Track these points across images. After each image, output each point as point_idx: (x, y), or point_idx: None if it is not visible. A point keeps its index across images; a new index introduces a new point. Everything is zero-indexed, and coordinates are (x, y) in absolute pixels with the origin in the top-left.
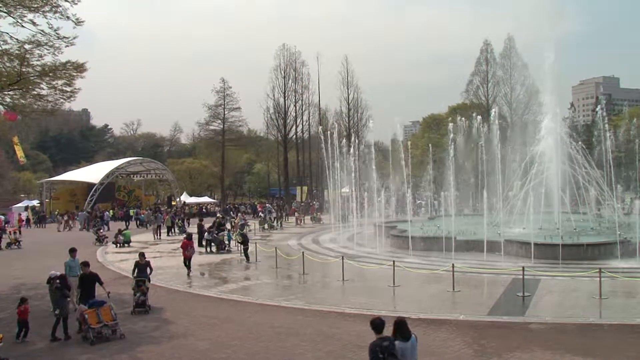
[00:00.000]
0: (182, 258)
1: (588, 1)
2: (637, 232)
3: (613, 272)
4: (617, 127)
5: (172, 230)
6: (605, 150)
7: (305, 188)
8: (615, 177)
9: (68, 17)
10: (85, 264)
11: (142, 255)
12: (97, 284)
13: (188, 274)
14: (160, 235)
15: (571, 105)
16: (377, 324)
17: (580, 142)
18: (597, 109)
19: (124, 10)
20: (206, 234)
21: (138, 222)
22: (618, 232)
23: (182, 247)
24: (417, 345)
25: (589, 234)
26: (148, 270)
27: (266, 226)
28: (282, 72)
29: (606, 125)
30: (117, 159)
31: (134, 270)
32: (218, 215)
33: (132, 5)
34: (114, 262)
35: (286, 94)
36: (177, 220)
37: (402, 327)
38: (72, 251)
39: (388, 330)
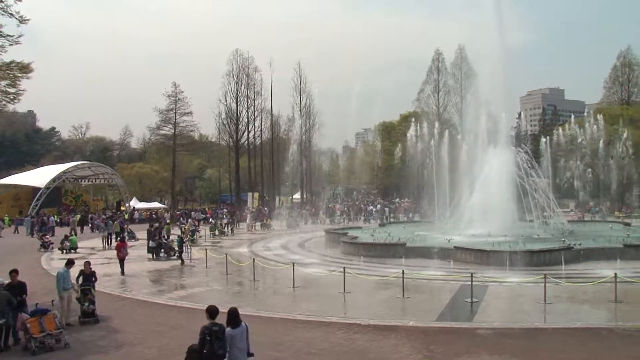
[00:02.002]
0: (130, 264)
1: (535, 14)
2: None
3: (557, 277)
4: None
5: (119, 236)
6: (550, 159)
7: (256, 194)
8: (559, 185)
9: (12, 15)
10: (14, 272)
11: (87, 263)
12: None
13: (121, 273)
14: (110, 242)
15: (519, 115)
16: (211, 311)
17: (527, 151)
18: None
19: (71, 10)
20: (150, 241)
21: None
22: (562, 239)
23: (116, 248)
24: (248, 334)
25: (536, 240)
26: (93, 279)
27: (217, 232)
28: (235, 78)
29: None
30: (64, 162)
31: (77, 278)
32: (156, 223)
33: (80, 5)
34: (59, 268)
35: (238, 100)
36: (126, 226)
37: (233, 316)
38: (69, 263)
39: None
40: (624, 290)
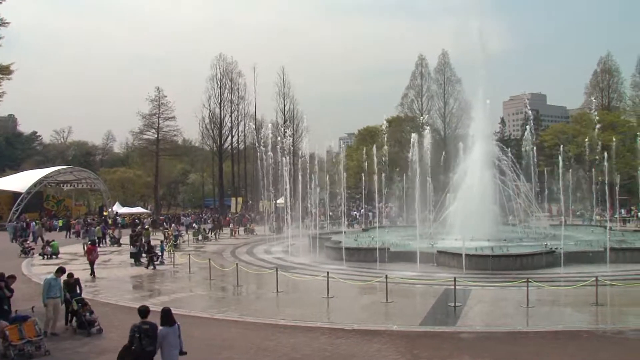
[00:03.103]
0: (113, 270)
1: (518, 20)
2: (562, 242)
3: (539, 281)
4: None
5: (104, 241)
6: (533, 164)
7: (240, 199)
8: (541, 190)
9: None
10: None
11: (70, 275)
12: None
13: (91, 276)
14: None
15: (501, 120)
16: (141, 311)
17: (510, 156)
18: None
19: (53, 13)
20: (131, 247)
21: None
22: (545, 243)
23: (87, 251)
24: (181, 333)
25: (518, 244)
26: (78, 289)
27: (200, 237)
28: (219, 82)
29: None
30: (46, 167)
31: (63, 289)
32: (138, 228)
33: (62, 8)
34: (40, 274)
35: (222, 104)
36: (111, 230)
37: (165, 316)
38: (60, 271)
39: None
40: (604, 293)
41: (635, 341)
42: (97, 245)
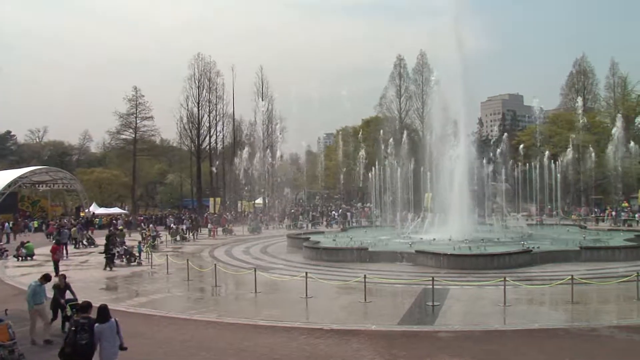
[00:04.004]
0: (90, 271)
1: (495, 21)
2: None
3: (517, 280)
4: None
5: (81, 243)
6: (513, 165)
7: (218, 199)
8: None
9: None
10: None
11: (61, 276)
12: None
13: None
14: (67, 253)
15: (479, 121)
16: (83, 306)
17: (487, 156)
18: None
19: (28, 9)
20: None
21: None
22: (522, 242)
23: (51, 251)
24: (119, 328)
25: (496, 244)
26: (70, 293)
27: (178, 238)
28: (197, 82)
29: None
30: (20, 167)
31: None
32: (111, 229)
33: (37, 4)
34: (14, 276)
35: (200, 104)
36: (85, 232)
37: (101, 312)
38: (45, 278)
39: None
40: (580, 292)
41: (608, 338)
42: (63, 245)
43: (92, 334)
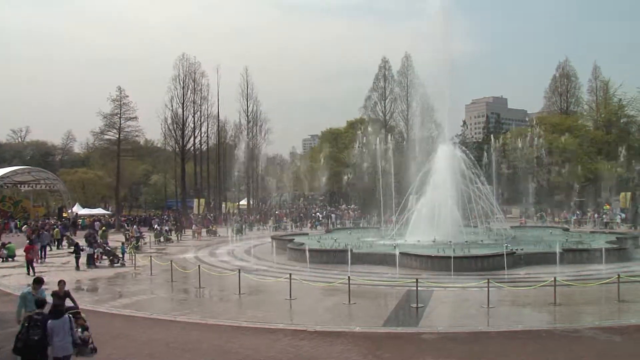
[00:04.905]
0: (72, 273)
1: (480, 25)
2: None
3: (500, 282)
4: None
5: (61, 244)
6: (497, 167)
7: (202, 200)
8: (503, 192)
9: None
10: None
11: (61, 282)
12: None
13: (27, 274)
14: (45, 256)
15: (464, 123)
16: (37, 301)
17: (471, 158)
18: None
19: (6, 7)
20: (87, 248)
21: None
22: (505, 245)
23: (25, 250)
24: (72, 325)
25: (480, 246)
26: (71, 302)
27: (162, 239)
28: (181, 83)
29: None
30: (2, 167)
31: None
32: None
33: (19, 7)
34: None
35: (185, 105)
36: (67, 233)
37: (55, 309)
38: (37, 282)
39: None
40: (562, 293)
41: (590, 339)
42: (43, 247)
43: (45, 330)
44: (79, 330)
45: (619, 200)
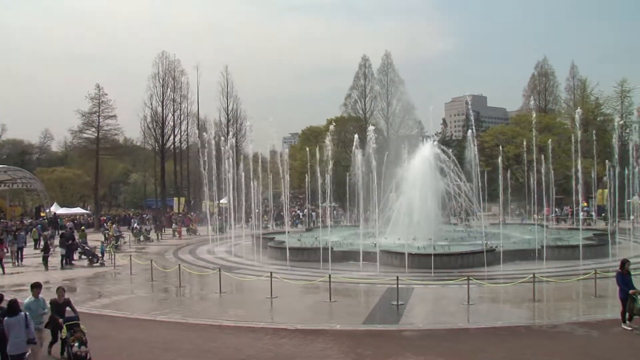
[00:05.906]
0: (50, 273)
1: (459, 22)
2: (501, 241)
3: (480, 279)
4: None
5: (38, 244)
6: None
7: (182, 199)
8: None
9: None
10: None
11: (60, 290)
12: None
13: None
14: (22, 259)
15: (443, 121)
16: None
17: (451, 157)
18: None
19: None
20: (59, 248)
21: None
22: (485, 242)
23: None
24: (28, 322)
25: (459, 243)
26: (71, 311)
27: (142, 238)
28: (161, 81)
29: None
30: None
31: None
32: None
33: None
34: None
35: (164, 103)
36: (45, 233)
37: (10, 306)
38: (35, 286)
39: None
40: (541, 290)
41: (568, 334)
42: (4, 243)
43: (2, 327)
44: (76, 344)
45: (596, 197)
